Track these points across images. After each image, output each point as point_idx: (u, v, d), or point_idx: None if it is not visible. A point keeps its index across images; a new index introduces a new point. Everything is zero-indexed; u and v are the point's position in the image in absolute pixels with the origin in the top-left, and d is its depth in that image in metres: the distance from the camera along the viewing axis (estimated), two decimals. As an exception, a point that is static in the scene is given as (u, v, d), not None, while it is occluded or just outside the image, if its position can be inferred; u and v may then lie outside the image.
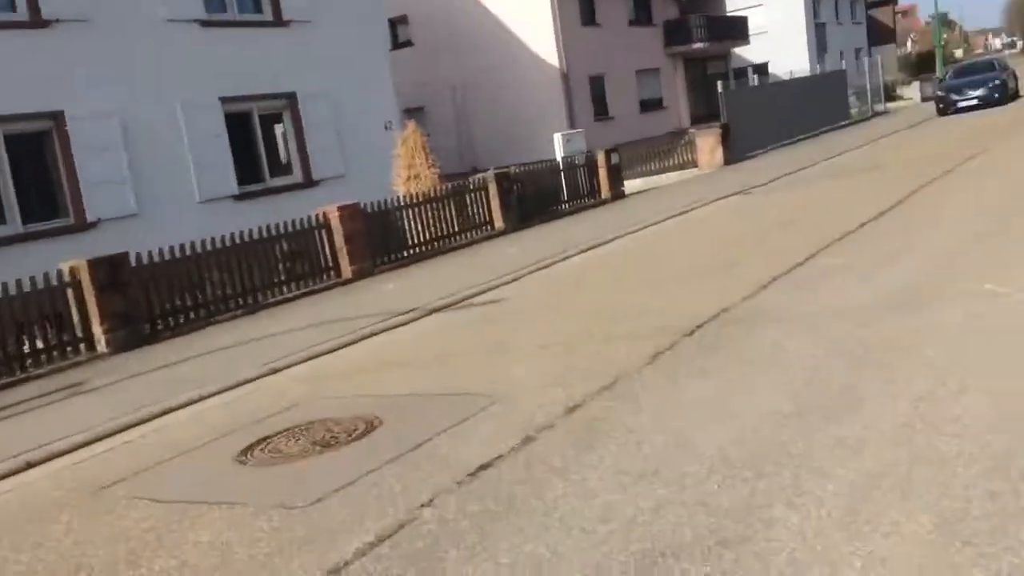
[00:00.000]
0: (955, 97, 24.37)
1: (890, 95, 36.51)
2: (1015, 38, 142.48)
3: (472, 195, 13.72)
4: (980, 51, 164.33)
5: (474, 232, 13.66)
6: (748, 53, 34.73)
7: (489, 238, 13.63)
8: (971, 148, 14.95)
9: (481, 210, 13.77)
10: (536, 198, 14.95)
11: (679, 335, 5.83)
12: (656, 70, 31.46)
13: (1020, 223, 8.15)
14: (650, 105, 30.58)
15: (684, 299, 7.13)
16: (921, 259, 7.16)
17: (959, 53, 78.59)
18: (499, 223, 13.94)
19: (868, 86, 29.66)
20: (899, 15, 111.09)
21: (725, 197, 14.20)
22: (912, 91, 35.71)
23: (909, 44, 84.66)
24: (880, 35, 51.88)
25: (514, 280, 9.54)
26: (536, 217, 14.58)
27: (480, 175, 14.62)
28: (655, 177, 20.41)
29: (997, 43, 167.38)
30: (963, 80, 25.02)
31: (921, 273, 6.64)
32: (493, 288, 9.18)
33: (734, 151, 20.39)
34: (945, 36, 73.75)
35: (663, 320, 6.36)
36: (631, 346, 5.78)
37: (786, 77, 26.49)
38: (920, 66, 56.17)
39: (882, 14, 53.35)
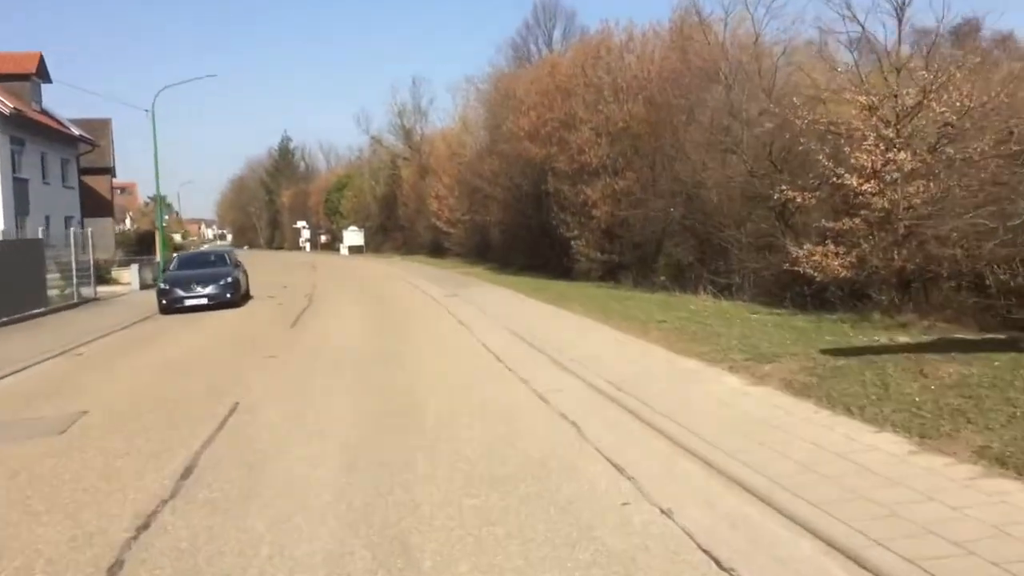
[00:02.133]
0: (181, 293, 19.54)
1: (104, 277, 30.36)
2: (225, 230, 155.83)
3: None
4: (195, 238, 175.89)
5: None
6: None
7: None
8: (225, 381, 9.61)
9: None
10: None
11: None
12: None
13: None
14: None
15: None
16: None
17: (179, 238, 78.24)
18: None
19: (74, 265, 22.86)
20: (120, 190, 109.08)
21: None
22: (131, 275, 30.18)
23: (128, 222, 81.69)
24: (96, 207, 45.97)
25: None
26: None
27: None
28: None
29: (209, 233, 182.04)
30: (191, 273, 20.53)
31: None
32: None
33: None
34: (167, 218, 72.25)
35: None
36: None
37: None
38: (140, 246, 52.12)
39: (98, 183, 47.83)
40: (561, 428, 6.93)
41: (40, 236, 23.17)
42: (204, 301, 19.65)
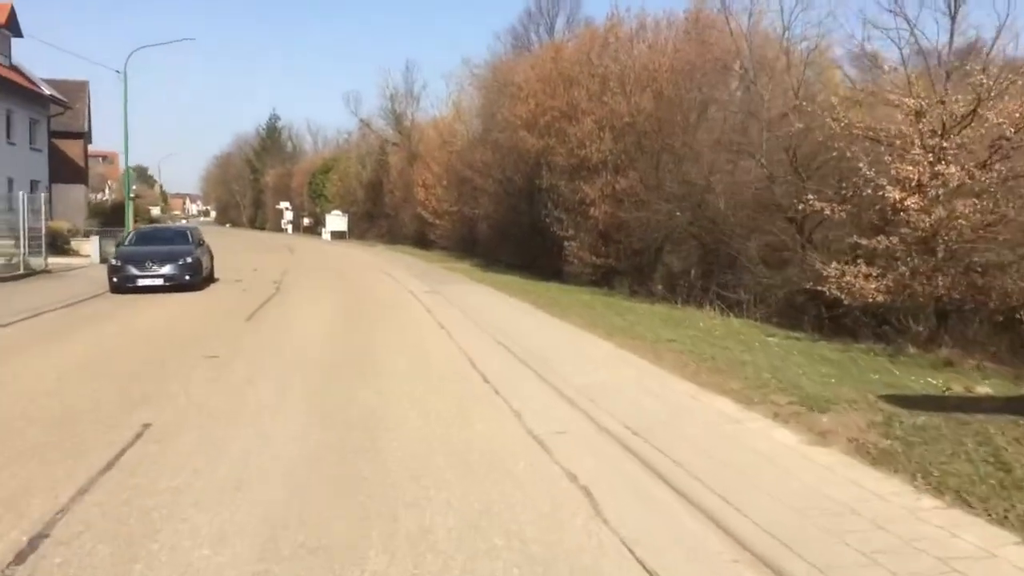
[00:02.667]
0: (134, 271, 17.58)
1: (63, 248, 28.25)
2: (210, 207, 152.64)
3: None
4: (178, 212, 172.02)
5: None
6: None
7: None
8: (147, 389, 7.73)
9: None
10: None
11: None
12: None
13: None
14: None
15: None
16: None
17: (156, 211, 75.58)
18: None
19: (23, 232, 20.80)
20: (101, 158, 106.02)
21: None
22: (92, 247, 28.07)
23: (107, 192, 79.03)
24: (68, 173, 43.65)
25: None
26: None
27: None
28: None
29: (194, 208, 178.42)
30: (147, 249, 18.54)
31: None
32: None
33: None
34: (136, 191, 69.60)
35: None
36: None
37: None
38: (115, 217, 49.92)
39: (71, 148, 45.45)
40: (569, 497, 5.13)
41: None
42: (159, 282, 17.70)
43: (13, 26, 34.11)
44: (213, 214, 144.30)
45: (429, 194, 44.04)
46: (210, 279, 20.74)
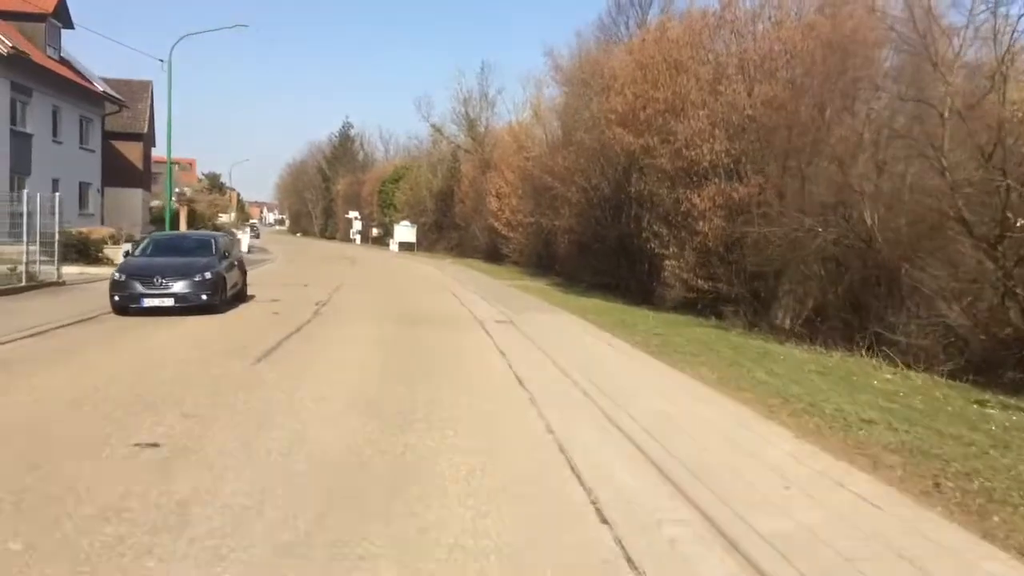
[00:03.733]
0: (140, 288, 14.22)
1: (95, 256, 25.49)
2: (285, 216, 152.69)
3: None
4: (255, 221, 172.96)
5: None
6: None
7: None
8: (35, 498, 4.01)
9: None
10: None
11: None
12: None
13: None
14: None
15: None
16: None
17: (225, 218, 73.95)
18: None
19: (25, 237, 17.77)
20: (176, 165, 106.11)
21: None
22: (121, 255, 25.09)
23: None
24: (127, 176, 41.54)
25: None
26: None
27: None
28: None
29: (271, 217, 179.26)
30: (159, 262, 15.20)
31: None
32: None
33: None
34: (196, 197, 67.94)
35: None
36: None
37: None
38: (178, 224, 47.92)
39: (131, 151, 43.40)
40: None
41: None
42: (169, 302, 14.31)
43: (62, 15, 31.85)
44: (288, 221, 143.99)
45: (503, 204, 40.38)
46: (240, 298, 17.34)
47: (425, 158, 67.02)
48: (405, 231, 63.81)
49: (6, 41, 25.85)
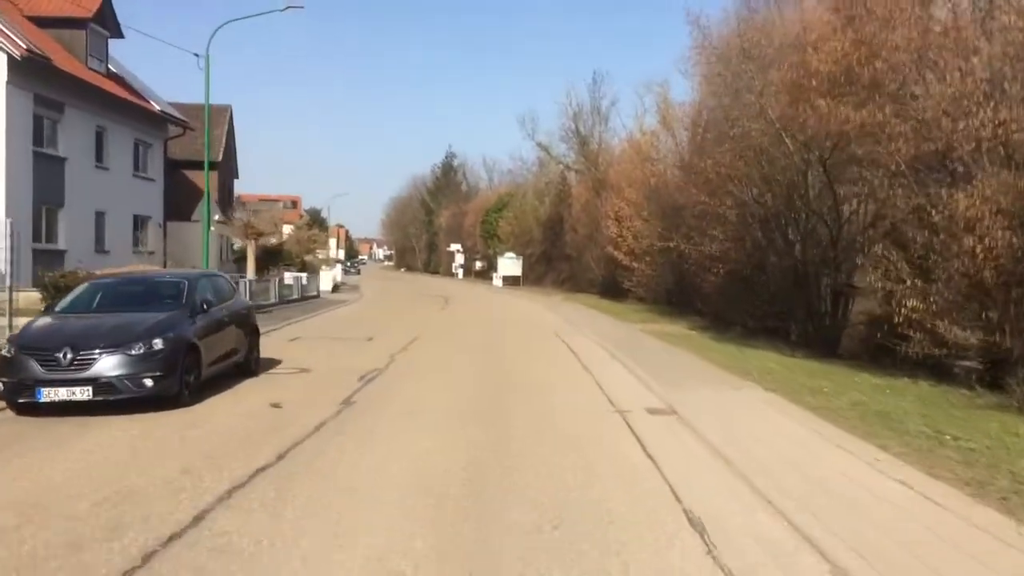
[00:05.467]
0: (39, 372, 8.19)
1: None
2: (393, 251, 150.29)
3: None
4: (364, 257, 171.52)
5: None
6: None
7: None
8: None
9: None
10: None
11: None
12: None
13: None
14: None
15: None
16: None
17: (322, 255, 69.35)
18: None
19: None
20: (282, 203, 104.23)
21: None
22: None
23: (275, 237, 74.73)
24: (195, 208, 37.00)
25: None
26: None
27: None
28: None
29: (380, 253, 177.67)
30: (79, 324, 9.09)
31: None
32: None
33: None
34: (312, 233, 64.03)
35: None
36: None
37: None
38: (263, 262, 43.50)
39: (202, 180, 39.06)
40: None
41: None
42: (86, 393, 8.21)
43: (107, 21, 27.36)
44: (395, 258, 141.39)
45: (623, 229, 33.53)
46: (247, 370, 11.21)
47: (531, 187, 61.03)
48: (509, 264, 57.80)
49: (20, 42, 21.18)
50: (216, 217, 30.48)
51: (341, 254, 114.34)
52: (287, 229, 75.43)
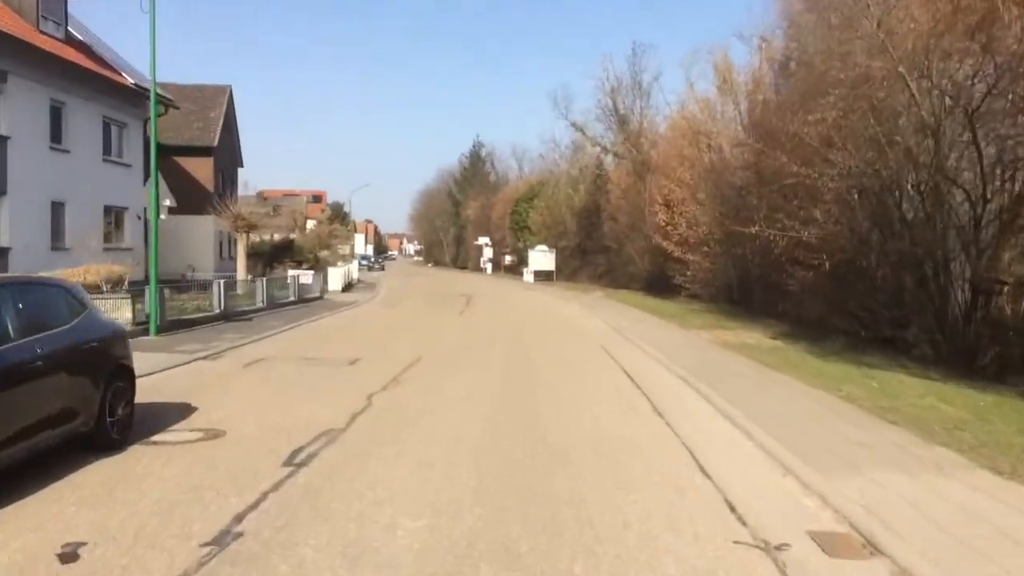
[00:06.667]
0: None
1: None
2: (422, 246, 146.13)
3: None
4: (394, 253, 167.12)
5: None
6: None
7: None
8: None
9: None
10: None
11: None
12: None
13: None
14: None
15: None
16: None
17: (347, 250, 64.72)
18: None
19: None
20: (307, 198, 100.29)
21: None
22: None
23: (296, 231, 70.71)
24: (192, 200, 32.86)
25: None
26: None
27: None
28: None
29: (411, 248, 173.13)
30: None
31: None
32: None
33: None
34: (333, 228, 59.97)
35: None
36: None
37: None
38: (273, 257, 39.58)
39: (199, 170, 34.98)
40: None
41: None
42: None
43: (60, -25, 23.03)
44: (424, 253, 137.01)
45: (674, 215, 28.57)
46: (100, 442, 6.68)
47: (564, 171, 56.16)
48: (541, 257, 53.07)
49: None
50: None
51: (370, 250, 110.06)
52: (310, 224, 71.21)
